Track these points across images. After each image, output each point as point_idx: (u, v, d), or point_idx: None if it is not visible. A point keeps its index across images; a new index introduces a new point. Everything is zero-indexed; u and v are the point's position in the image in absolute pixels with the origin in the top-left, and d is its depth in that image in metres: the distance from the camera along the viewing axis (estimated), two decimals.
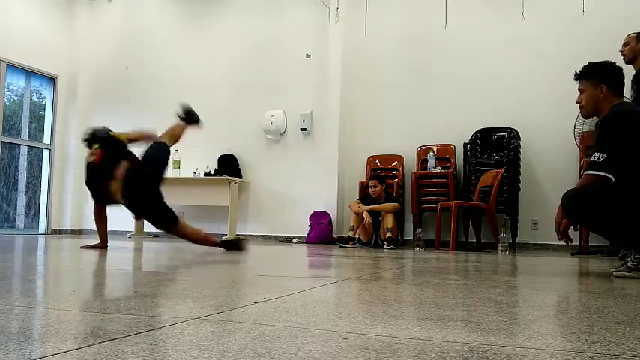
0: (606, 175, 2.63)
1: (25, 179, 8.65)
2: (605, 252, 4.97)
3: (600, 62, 2.96)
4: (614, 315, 1.53)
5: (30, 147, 8.61)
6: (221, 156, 7.69)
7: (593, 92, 2.90)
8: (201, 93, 8.10)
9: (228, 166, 7.60)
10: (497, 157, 6.21)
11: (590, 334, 1.23)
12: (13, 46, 7.86)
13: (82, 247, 4.50)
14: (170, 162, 4.78)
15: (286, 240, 7.12)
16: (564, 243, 2.96)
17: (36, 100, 8.85)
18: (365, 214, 5.87)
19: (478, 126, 6.45)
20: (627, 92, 3.06)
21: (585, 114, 3.02)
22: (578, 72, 2.99)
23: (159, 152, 4.38)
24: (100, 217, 4.46)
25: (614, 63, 2.96)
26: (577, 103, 3.02)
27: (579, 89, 2.99)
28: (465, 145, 6.46)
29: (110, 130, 4.43)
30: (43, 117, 8.69)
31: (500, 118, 6.41)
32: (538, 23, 6.51)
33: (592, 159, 2.71)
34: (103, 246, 4.42)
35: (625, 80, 2.95)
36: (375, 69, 7.24)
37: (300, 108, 7.48)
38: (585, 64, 2.99)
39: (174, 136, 4.67)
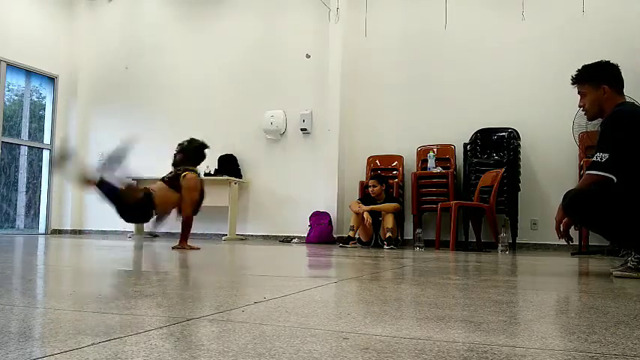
0: (608, 175, 2.62)
1: (25, 179, 8.65)
2: (605, 252, 4.97)
3: (596, 63, 2.93)
4: (614, 315, 1.53)
5: (30, 147, 8.61)
6: (221, 156, 7.68)
7: (595, 94, 2.87)
8: (201, 93, 8.12)
9: (228, 166, 7.60)
10: (497, 157, 6.21)
11: (590, 334, 1.23)
12: (13, 46, 7.87)
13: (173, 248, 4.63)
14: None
15: (286, 240, 7.12)
16: (564, 243, 2.96)
17: (36, 100, 8.85)
18: (365, 214, 5.87)
19: (478, 126, 6.44)
20: (626, 91, 3.04)
21: (590, 116, 2.98)
22: (575, 76, 2.95)
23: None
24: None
25: (609, 61, 2.93)
26: (580, 107, 2.99)
27: (580, 93, 2.96)
28: (465, 145, 6.45)
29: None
30: (43, 117, 8.69)
31: (500, 118, 6.41)
32: (538, 23, 6.50)
33: (594, 159, 2.69)
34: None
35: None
36: (375, 69, 7.24)
37: (300, 108, 7.48)
38: (580, 68, 2.95)
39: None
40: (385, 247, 5.70)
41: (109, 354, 0.96)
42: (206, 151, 4.95)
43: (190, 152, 4.85)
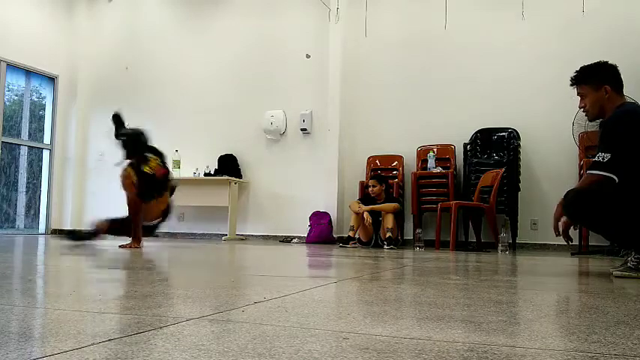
0: (610, 175, 2.62)
1: (25, 179, 8.65)
2: (605, 252, 4.97)
3: (595, 64, 2.93)
4: (614, 315, 1.53)
5: (30, 147, 8.60)
6: (221, 156, 7.69)
7: (596, 95, 2.86)
8: (201, 93, 8.12)
9: (228, 166, 7.60)
10: (497, 157, 6.21)
11: (590, 334, 1.23)
12: (13, 46, 7.86)
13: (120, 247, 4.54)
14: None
15: (286, 240, 7.12)
16: (564, 243, 2.96)
17: (36, 100, 8.85)
18: (365, 214, 5.87)
19: (478, 126, 6.44)
20: (626, 91, 3.04)
21: (592, 117, 2.98)
22: (574, 77, 2.94)
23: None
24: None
25: (608, 62, 2.93)
26: (580, 108, 2.98)
27: (579, 94, 2.95)
28: (465, 145, 6.45)
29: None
30: (43, 117, 8.69)
31: (500, 118, 6.41)
32: (538, 23, 6.51)
33: (596, 158, 2.69)
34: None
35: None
36: (375, 69, 7.24)
37: (300, 108, 7.48)
38: (579, 69, 2.95)
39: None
40: (385, 247, 5.69)
41: (109, 354, 0.96)
42: (144, 137, 4.60)
43: (127, 144, 4.54)
